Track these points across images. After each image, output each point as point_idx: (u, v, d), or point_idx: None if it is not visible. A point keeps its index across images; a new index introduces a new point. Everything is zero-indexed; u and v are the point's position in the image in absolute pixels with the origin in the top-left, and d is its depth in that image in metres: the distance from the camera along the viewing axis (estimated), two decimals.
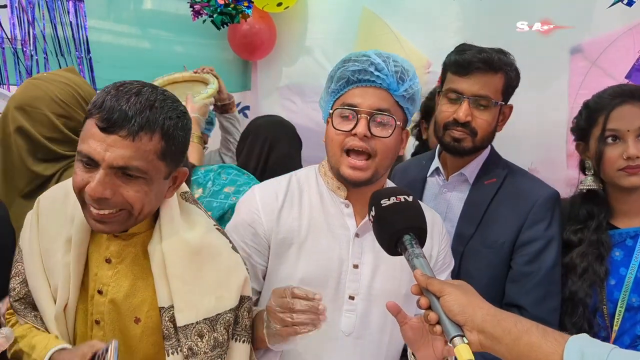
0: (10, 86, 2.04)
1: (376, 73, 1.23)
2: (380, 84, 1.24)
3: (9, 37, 2.00)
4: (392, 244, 1.01)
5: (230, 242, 1.19)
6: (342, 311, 1.28)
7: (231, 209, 1.77)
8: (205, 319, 1.09)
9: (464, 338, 0.86)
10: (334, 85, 1.28)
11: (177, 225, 1.11)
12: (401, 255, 1.01)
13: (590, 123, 1.47)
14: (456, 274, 1.46)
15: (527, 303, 1.44)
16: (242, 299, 1.15)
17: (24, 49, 2.04)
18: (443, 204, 1.60)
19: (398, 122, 1.25)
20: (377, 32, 2.65)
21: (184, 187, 1.20)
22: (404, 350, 1.36)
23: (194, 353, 1.08)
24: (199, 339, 1.08)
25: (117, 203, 1.01)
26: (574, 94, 2.21)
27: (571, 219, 1.52)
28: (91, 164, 0.99)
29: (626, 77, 1.98)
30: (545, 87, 2.17)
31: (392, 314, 1.08)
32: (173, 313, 1.09)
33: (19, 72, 2.05)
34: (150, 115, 0.98)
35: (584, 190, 1.50)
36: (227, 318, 1.11)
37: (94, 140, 0.98)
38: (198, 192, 1.64)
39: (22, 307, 1.19)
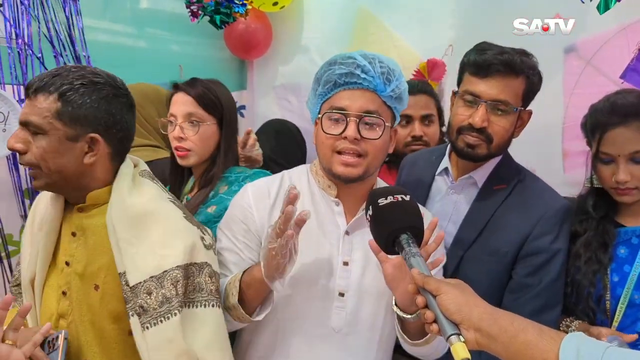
0: (5, 85, 2.03)
1: (363, 75, 1.24)
2: (367, 85, 1.25)
3: (4, 36, 1.99)
4: (389, 243, 1.02)
5: (185, 213, 1.23)
6: (332, 308, 1.29)
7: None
8: (152, 277, 1.13)
9: (461, 336, 0.86)
10: (321, 88, 1.28)
11: (123, 193, 1.18)
12: (398, 254, 1.01)
13: (591, 134, 1.47)
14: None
15: (523, 314, 1.40)
16: (200, 265, 1.18)
17: (19, 49, 2.03)
18: (449, 205, 1.54)
19: (387, 123, 1.26)
20: (372, 31, 2.66)
21: (143, 165, 1.30)
22: (397, 347, 1.37)
23: (145, 310, 1.12)
24: (148, 296, 1.12)
25: (29, 159, 1.14)
26: (569, 94, 2.22)
27: (578, 212, 1.53)
28: None
29: (621, 77, 1.98)
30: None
31: (374, 252, 1.10)
32: None
33: (15, 71, 2.03)
34: (49, 80, 1.12)
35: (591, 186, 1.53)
36: (174, 275, 1.14)
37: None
38: (224, 189, 1.67)
39: (18, 293, 1.30)
